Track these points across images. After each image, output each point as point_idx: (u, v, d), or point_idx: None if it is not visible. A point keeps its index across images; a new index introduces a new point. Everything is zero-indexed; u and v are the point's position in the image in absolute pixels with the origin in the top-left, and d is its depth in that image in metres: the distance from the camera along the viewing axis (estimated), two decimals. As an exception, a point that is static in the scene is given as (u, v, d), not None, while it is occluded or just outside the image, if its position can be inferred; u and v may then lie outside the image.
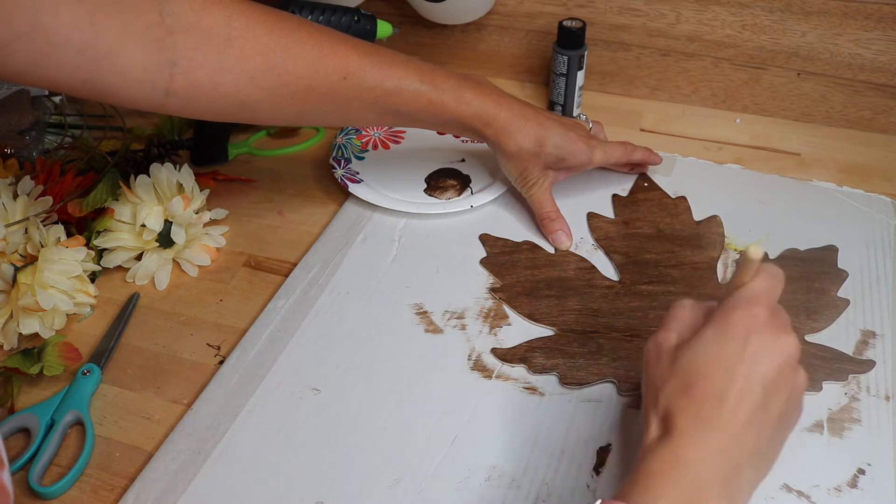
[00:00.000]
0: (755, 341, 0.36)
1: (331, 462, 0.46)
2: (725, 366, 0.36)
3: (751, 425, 0.35)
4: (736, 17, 0.72)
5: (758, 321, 0.36)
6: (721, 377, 0.36)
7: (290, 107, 0.52)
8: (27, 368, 0.52)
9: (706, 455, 0.34)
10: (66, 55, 0.42)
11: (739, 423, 0.35)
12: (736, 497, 0.35)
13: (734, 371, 0.35)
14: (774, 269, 0.39)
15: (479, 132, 0.58)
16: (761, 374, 0.36)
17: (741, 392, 0.35)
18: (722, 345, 0.36)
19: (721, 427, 0.35)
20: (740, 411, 0.35)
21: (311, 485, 0.45)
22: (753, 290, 0.38)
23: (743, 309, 0.37)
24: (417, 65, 0.55)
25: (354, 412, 0.49)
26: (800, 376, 0.37)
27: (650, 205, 0.64)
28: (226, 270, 0.62)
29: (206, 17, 0.47)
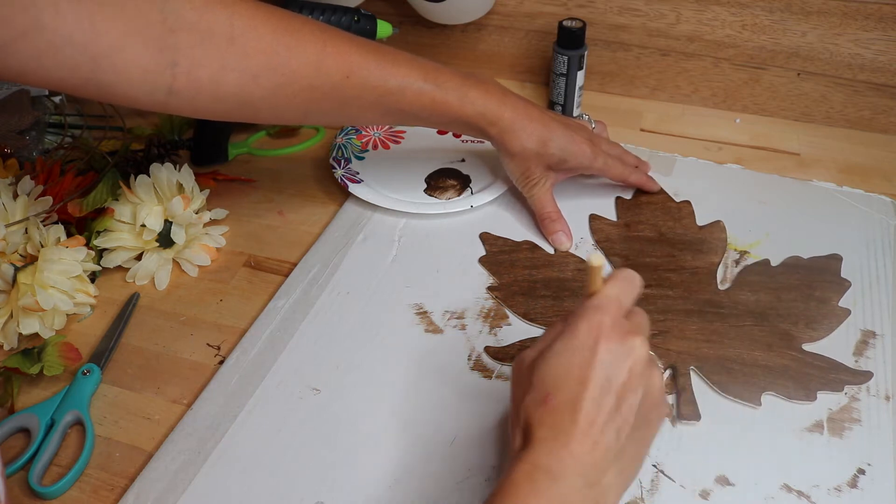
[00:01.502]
0: (602, 348, 0.37)
1: (331, 462, 0.46)
2: (576, 375, 0.36)
3: (607, 430, 0.36)
4: (736, 17, 0.72)
5: (603, 328, 0.37)
6: (573, 386, 0.36)
7: (293, 106, 0.52)
8: (27, 368, 0.52)
9: (565, 463, 0.35)
10: (68, 54, 0.42)
11: (595, 429, 0.36)
12: (600, 499, 0.36)
13: (585, 379, 0.36)
14: (627, 272, 0.40)
15: (483, 131, 0.58)
16: (612, 380, 0.36)
17: (594, 399, 0.36)
18: (571, 355, 0.37)
19: (577, 435, 0.35)
20: (595, 417, 0.36)
21: (311, 485, 0.45)
22: (600, 298, 0.38)
23: (589, 318, 0.38)
24: (421, 63, 0.55)
25: (354, 412, 0.49)
26: (653, 376, 0.38)
27: (653, 208, 0.64)
28: (226, 270, 0.62)
29: (207, 16, 0.47)
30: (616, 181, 0.65)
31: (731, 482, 0.45)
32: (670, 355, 0.51)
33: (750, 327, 0.53)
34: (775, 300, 0.55)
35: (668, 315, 0.54)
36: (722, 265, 0.58)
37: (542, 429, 0.36)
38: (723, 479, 0.45)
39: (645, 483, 0.45)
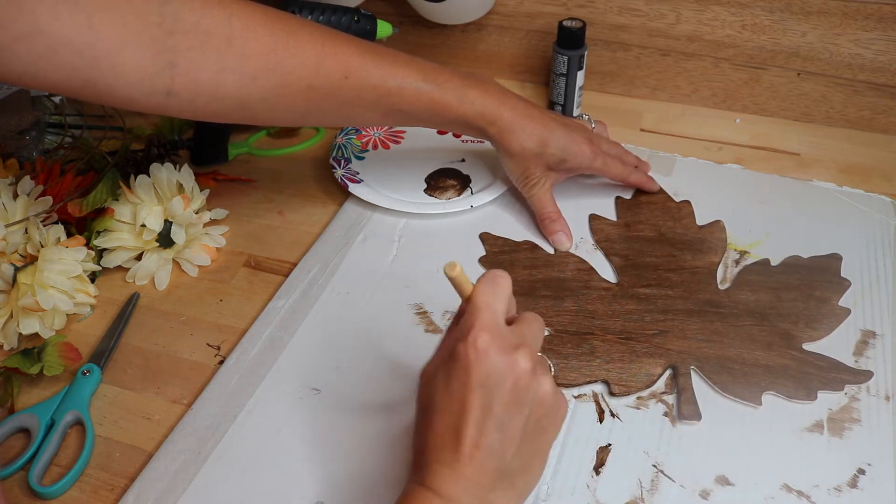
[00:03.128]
0: (479, 370, 0.36)
1: (331, 462, 0.46)
2: (457, 400, 0.36)
3: (492, 449, 0.36)
4: (736, 17, 0.72)
5: (478, 349, 0.36)
6: (454, 412, 0.36)
7: (292, 107, 0.52)
8: (27, 368, 0.52)
9: (454, 486, 0.35)
10: (66, 57, 0.42)
11: (481, 451, 0.36)
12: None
13: (465, 405, 0.36)
14: (490, 274, 0.40)
15: (482, 131, 0.58)
16: (493, 401, 0.36)
17: (476, 423, 0.36)
18: (450, 380, 0.37)
19: (463, 459, 0.35)
20: (479, 440, 0.36)
21: (311, 485, 0.45)
22: (471, 313, 0.38)
23: (463, 340, 0.37)
24: (420, 64, 0.55)
25: (354, 412, 0.49)
26: (540, 386, 0.37)
27: (653, 208, 0.64)
28: (226, 270, 0.62)
29: (206, 18, 0.47)
30: (616, 181, 0.65)
31: (731, 482, 0.45)
32: (671, 355, 0.51)
33: (750, 327, 0.53)
34: (775, 300, 0.55)
35: (669, 315, 0.54)
36: (722, 265, 0.58)
37: (431, 452, 0.37)
38: (723, 479, 0.45)
39: (645, 483, 0.45)
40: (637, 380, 0.50)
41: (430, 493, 0.36)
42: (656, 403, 0.49)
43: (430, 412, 0.37)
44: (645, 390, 0.50)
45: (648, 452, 0.46)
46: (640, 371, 0.50)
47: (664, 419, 0.48)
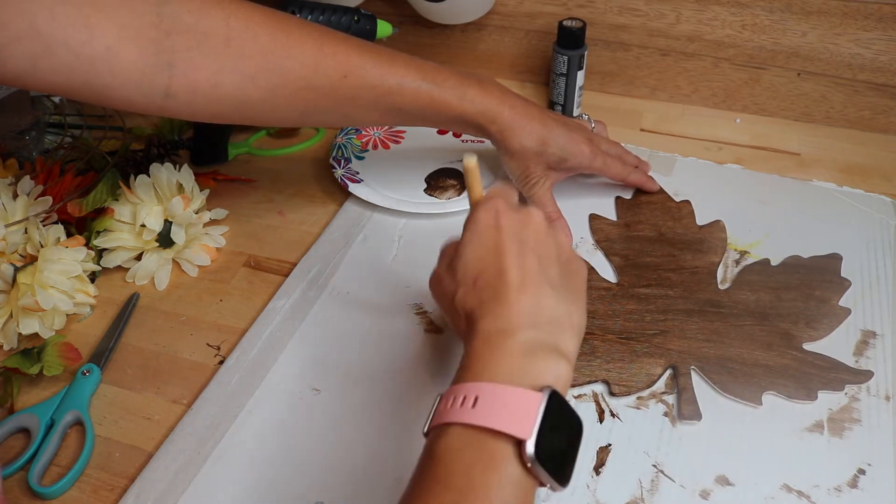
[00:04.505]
0: (504, 221, 0.41)
1: (331, 462, 0.46)
2: (492, 249, 0.40)
3: (538, 280, 0.38)
4: (736, 17, 0.72)
5: (499, 208, 0.41)
6: (493, 261, 0.39)
7: (291, 107, 0.52)
8: (27, 368, 0.52)
9: (512, 318, 0.37)
10: (63, 58, 0.42)
11: (527, 282, 0.38)
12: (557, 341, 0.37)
13: (501, 250, 0.39)
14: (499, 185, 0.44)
15: (482, 129, 0.58)
16: (523, 241, 0.40)
17: (515, 260, 0.39)
18: (481, 240, 0.41)
19: (513, 292, 0.38)
20: (523, 274, 0.38)
21: (311, 485, 0.45)
22: (487, 195, 0.43)
23: (483, 208, 0.42)
24: (419, 63, 0.55)
25: (354, 412, 0.49)
26: (558, 234, 0.42)
27: (653, 208, 0.64)
28: (226, 270, 0.62)
29: (204, 19, 0.47)
30: (616, 181, 0.65)
31: (731, 482, 0.45)
32: (671, 355, 0.51)
33: (750, 327, 0.53)
34: (775, 300, 0.55)
35: (669, 315, 0.54)
36: (722, 265, 0.58)
37: (483, 306, 0.38)
38: (723, 479, 0.45)
39: (645, 483, 0.45)
40: (637, 380, 0.50)
41: (491, 334, 0.36)
42: (656, 403, 0.49)
43: (471, 274, 0.40)
44: (645, 390, 0.50)
45: (648, 452, 0.46)
46: (640, 371, 0.50)
47: (664, 419, 0.48)
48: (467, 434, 0.33)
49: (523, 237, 0.40)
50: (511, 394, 0.33)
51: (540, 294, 0.38)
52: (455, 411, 0.34)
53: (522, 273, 0.38)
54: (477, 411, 0.33)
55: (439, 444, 0.34)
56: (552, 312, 0.38)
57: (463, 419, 0.33)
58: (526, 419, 0.32)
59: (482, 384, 0.34)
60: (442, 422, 0.34)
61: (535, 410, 0.33)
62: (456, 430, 0.34)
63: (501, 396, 0.33)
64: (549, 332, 0.37)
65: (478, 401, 0.33)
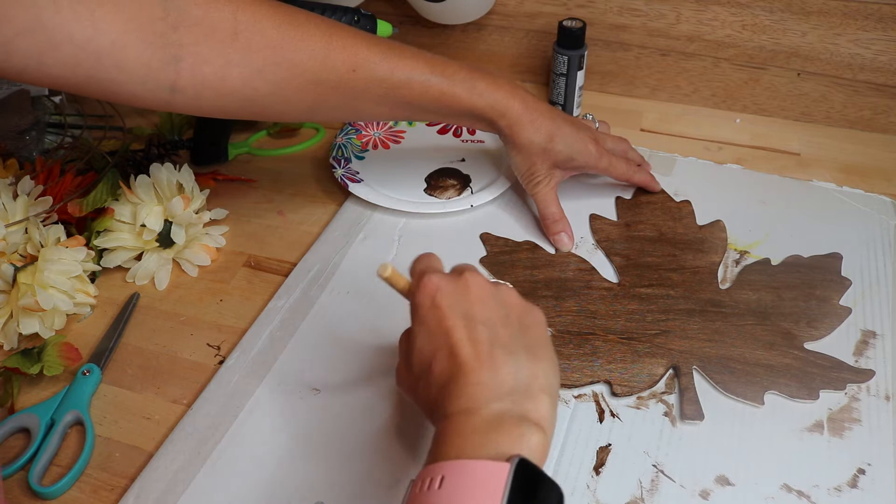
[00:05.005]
0: (441, 298, 0.40)
1: (331, 462, 0.46)
2: (437, 333, 0.39)
3: (493, 350, 0.37)
4: (736, 17, 0.72)
5: (432, 286, 0.40)
6: (442, 342, 0.38)
7: (299, 101, 0.52)
8: (27, 368, 0.52)
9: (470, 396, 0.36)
10: (68, 51, 0.42)
11: (482, 357, 0.37)
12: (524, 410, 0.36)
13: (445, 329, 0.38)
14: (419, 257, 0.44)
15: (492, 123, 0.58)
16: (467, 313, 0.39)
17: (463, 337, 0.38)
18: (425, 325, 0.40)
19: (467, 370, 0.37)
20: (474, 348, 0.37)
21: (311, 485, 0.45)
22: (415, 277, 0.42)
23: (419, 292, 0.41)
24: (428, 57, 0.55)
25: (354, 412, 0.49)
26: (506, 292, 0.41)
27: (653, 208, 0.64)
28: (226, 270, 0.62)
29: (211, 12, 0.46)
30: (620, 180, 0.64)
31: (731, 482, 0.45)
32: (672, 355, 0.51)
33: (752, 326, 0.53)
34: (776, 299, 0.55)
35: (670, 315, 0.54)
36: (722, 265, 0.58)
37: (442, 391, 0.38)
38: (723, 479, 0.45)
39: (645, 483, 0.45)
40: (639, 380, 0.50)
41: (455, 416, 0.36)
42: (656, 403, 0.49)
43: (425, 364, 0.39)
44: (646, 390, 0.50)
45: (648, 452, 0.46)
46: (642, 371, 0.50)
47: (664, 419, 0.48)
48: None
49: (465, 309, 0.39)
50: (477, 468, 0.32)
51: (496, 364, 0.37)
52: (423, 495, 0.32)
53: (473, 346, 0.37)
54: (443, 492, 0.32)
55: None
56: (513, 381, 0.37)
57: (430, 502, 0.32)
58: (495, 492, 0.31)
59: (448, 463, 0.33)
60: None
61: (503, 481, 0.31)
62: None
63: (467, 473, 0.32)
64: (514, 402, 0.36)
65: (444, 480, 0.32)
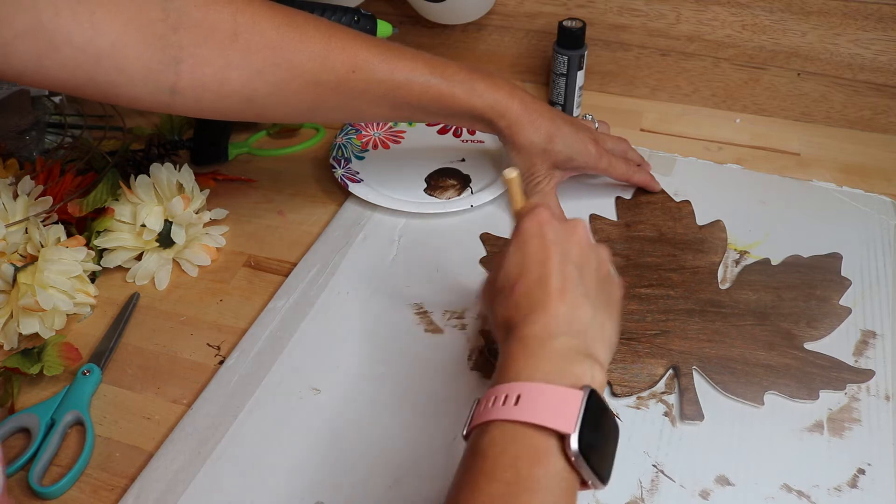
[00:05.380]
0: (549, 232, 0.41)
1: (331, 462, 0.46)
2: (536, 258, 0.40)
3: (576, 289, 0.39)
4: (736, 17, 0.72)
5: (544, 219, 0.42)
6: (536, 267, 0.40)
7: (299, 102, 0.52)
8: (27, 368, 0.52)
9: (550, 325, 0.38)
10: (68, 54, 0.42)
11: (567, 292, 0.39)
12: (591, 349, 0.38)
13: (543, 259, 0.40)
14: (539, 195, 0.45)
15: (491, 123, 0.58)
16: (566, 253, 0.40)
17: (557, 269, 0.39)
18: (524, 248, 0.41)
19: (553, 300, 0.38)
20: (563, 283, 0.39)
21: (311, 485, 0.45)
22: (531, 203, 0.44)
23: (528, 217, 0.42)
24: (427, 58, 0.55)
25: (354, 412, 0.49)
26: (599, 251, 0.43)
27: (653, 208, 0.64)
28: (226, 270, 0.62)
29: (210, 14, 0.47)
30: (620, 181, 0.64)
31: (731, 482, 0.45)
32: (672, 355, 0.51)
33: (751, 326, 0.53)
34: (776, 299, 0.55)
35: (670, 315, 0.54)
36: (721, 265, 0.58)
37: (520, 311, 0.39)
38: (723, 479, 0.45)
39: (645, 483, 0.45)
40: (639, 380, 0.50)
41: (528, 338, 0.37)
42: (656, 403, 0.49)
43: (510, 281, 0.40)
44: (646, 391, 0.50)
45: (648, 452, 0.46)
46: (642, 371, 0.50)
47: (664, 419, 0.48)
48: (511, 430, 0.34)
49: (566, 248, 0.41)
50: (553, 391, 0.34)
51: (577, 304, 0.39)
52: (497, 409, 0.34)
53: (563, 281, 0.39)
54: (520, 408, 0.34)
55: (483, 441, 0.34)
56: (587, 322, 0.39)
57: (507, 416, 0.34)
58: (569, 415, 0.33)
59: (522, 383, 0.35)
60: (484, 420, 0.35)
61: (577, 407, 0.34)
62: (500, 427, 0.34)
63: (544, 394, 0.34)
64: (583, 340, 0.38)
65: (520, 399, 0.34)
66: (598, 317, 0.39)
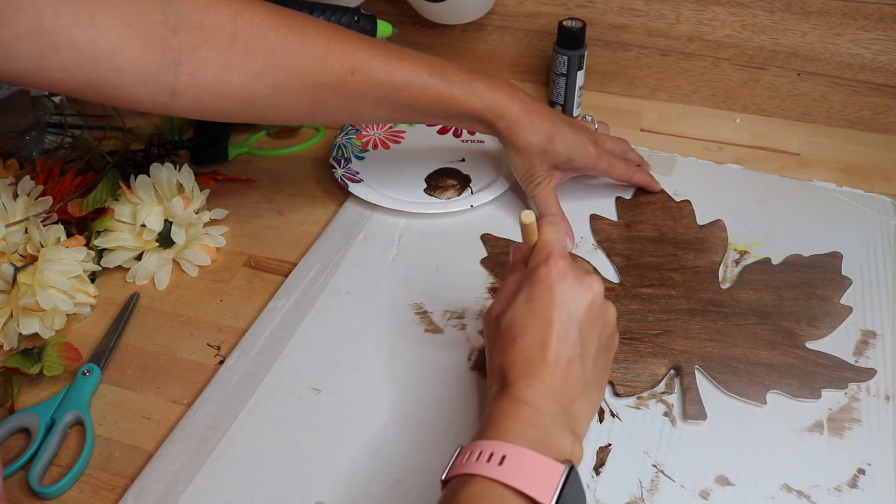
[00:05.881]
0: (561, 289, 0.40)
1: (331, 462, 0.46)
2: (540, 317, 0.40)
3: (574, 361, 0.39)
4: (736, 17, 0.72)
5: (559, 271, 0.41)
6: (539, 328, 0.40)
7: (298, 104, 0.52)
8: (27, 368, 0.52)
9: (542, 394, 0.38)
10: (68, 55, 0.42)
11: (563, 361, 0.39)
12: (574, 425, 0.39)
13: (549, 319, 0.40)
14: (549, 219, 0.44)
15: (490, 125, 0.58)
16: (573, 316, 0.40)
17: (559, 335, 0.39)
18: (533, 301, 0.41)
19: (549, 369, 0.39)
20: (562, 353, 0.39)
21: (311, 485, 0.45)
22: (545, 244, 0.42)
23: (543, 265, 0.41)
24: (427, 59, 0.55)
25: (354, 412, 0.49)
26: (609, 310, 0.42)
27: (653, 208, 0.64)
28: (226, 270, 0.62)
29: (210, 16, 0.47)
30: (620, 181, 0.64)
31: (731, 482, 0.45)
32: (674, 355, 0.51)
33: (753, 326, 0.53)
34: (777, 298, 0.55)
35: (672, 315, 0.54)
36: (722, 265, 0.58)
37: (516, 368, 0.39)
38: (723, 479, 0.45)
39: (645, 483, 0.45)
40: (642, 380, 0.50)
41: (520, 403, 0.38)
42: (656, 403, 0.49)
43: (512, 333, 0.40)
44: (647, 390, 0.50)
45: (648, 452, 0.46)
46: (644, 371, 0.50)
47: (664, 419, 0.48)
48: (492, 489, 0.34)
49: (574, 311, 0.40)
50: (538, 461, 0.35)
51: (571, 377, 0.39)
52: (482, 465, 0.35)
53: (562, 350, 0.39)
54: (504, 469, 0.35)
55: (462, 493, 0.35)
56: (578, 399, 0.39)
57: (490, 474, 0.35)
58: (549, 486, 0.34)
59: (509, 445, 0.36)
60: (467, 472, 0.35)
61: (558, 479, 0.35)
62: (481, 483, 0.35)
63: (529, 461, 0.35)
64: (570, 415, 0.39)
65: (505, 459, 0.35)
66: (588, 391, 0.40)
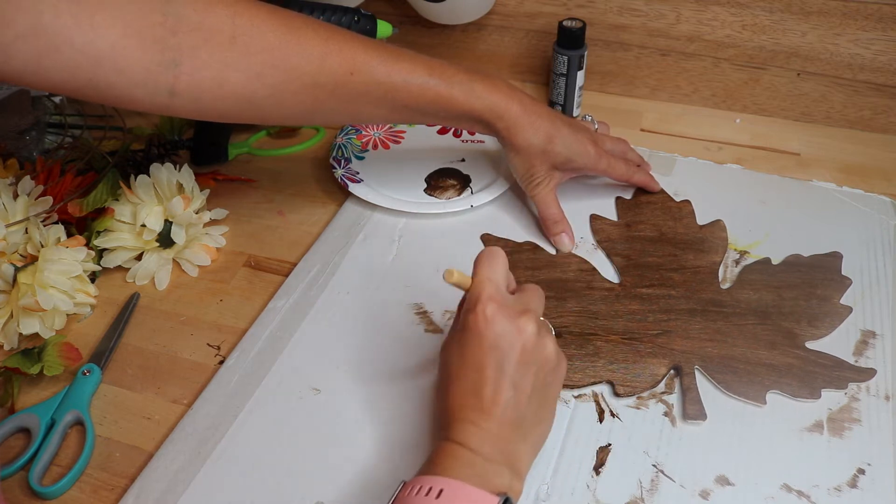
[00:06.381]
0: (490, 335, 0.41)
1: (331, 462, 0.46)
2: (472, 364, 0.41)
3: (508, 404, 0.40)
4: (736, 17, 0.72)
5: (486, 318, 0.41)
6: (471, 374, 0.41)
7: (298, 104, 0.52)
8: (27, 368, 0.52)
9: (474, 437, 0.40)
10: (68, 56, 0.42)
11: (499, 406, 0.40)
12: (513, 461, 0.40)
13: (480, 366, 0.41)
14: (485, 252, 0.44)
15: (490, 125, 0.58)
16: (504, 362, 0.41)
17: (491, 382, 0.40)
18: (464, 348, 0.41)
19: (483, 415, 0.40)
20: (496, 396, 0.40)
21: (311, 485, 0.45)
22: (476, 287, 0.43)
23: (472, 312, 0.41)
24: (426, 60, 0.55)
25: (354, 412, 0.49)
26: (545, 347, 0.42)
27: (653, 208, 0.64)
28: (226, 270, 0.62)
29: (209, 16, 0.47)
30: (620, 181, 0.64)
31: (731, 482, 0.45)
32: (674, 355, 0.51)
33: (753, 326, 0.53)
34: (777, 298, 0.55)
35: (672, 315, 0.54)
36: (722, 265, 0.58)
37: (454, 414, 0.41)
38: (723, 479, 0.45)
39: (645, 483, 0.45)
40: (642, 380, 0.50)
41: (457, 446, 0.40)
42: (656, 403, 0.49)
43: (450, 379, 0.42)
44: (647, 390, 0.50)
45: (648, 452, 0.46)
46: (644, 371, 0.50)
47: (664, 419, 0.48)
48: None
49: (506, 353, 0.41)
50: (472, 493, 0.37)
51: (504, 422, 0.40)
52: (420, 499, 0.37)
53: (496, 396, 0.40)
54: (441, 501, 0.36)
55: None
56: (513, 441, 0.41)
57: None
58: None
59: (447, 479, 0.37)
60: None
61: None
62: None
63: (463, 493, 0.37)
64: (507, 454, 0.40)
65: (442, 493, 0.36)
66: (524, 430, 0.41)
